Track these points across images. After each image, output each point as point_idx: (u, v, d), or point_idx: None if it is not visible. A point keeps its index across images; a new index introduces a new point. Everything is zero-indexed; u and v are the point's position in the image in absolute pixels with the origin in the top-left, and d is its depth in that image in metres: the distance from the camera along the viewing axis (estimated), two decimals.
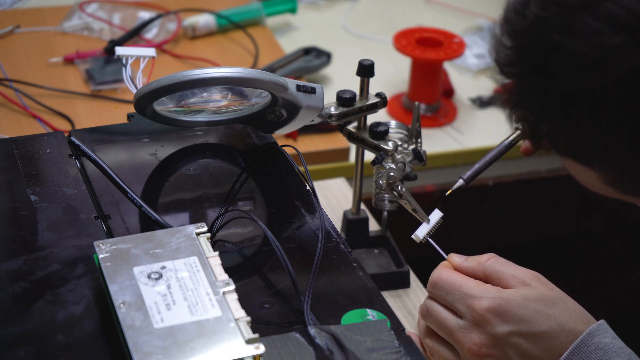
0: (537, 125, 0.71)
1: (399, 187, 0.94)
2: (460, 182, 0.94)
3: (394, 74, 1.52)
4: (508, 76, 0.71)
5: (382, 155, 0.97)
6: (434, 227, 0.93)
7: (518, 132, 0.95)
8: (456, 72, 1.55)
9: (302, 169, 0.90)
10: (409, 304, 1.05)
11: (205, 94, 0.93)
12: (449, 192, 0.94)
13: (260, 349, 0.67)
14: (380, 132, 0.99)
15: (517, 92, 0.71)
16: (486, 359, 0.84)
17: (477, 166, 0.95)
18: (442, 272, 0.87)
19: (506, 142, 0.96)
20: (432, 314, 0.87)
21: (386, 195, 1.04)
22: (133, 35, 1.49)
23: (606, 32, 0.64)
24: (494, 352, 0.84)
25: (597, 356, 0.81)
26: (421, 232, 0.93)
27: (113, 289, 0.70)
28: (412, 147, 1.01)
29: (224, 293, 0.70)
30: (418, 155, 0.98)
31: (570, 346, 0.82)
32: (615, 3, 0.64)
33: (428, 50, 1.39)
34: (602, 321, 0.84)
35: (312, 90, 0.91)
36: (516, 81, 0.71)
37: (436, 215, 0.94)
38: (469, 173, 0.94)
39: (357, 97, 0.99)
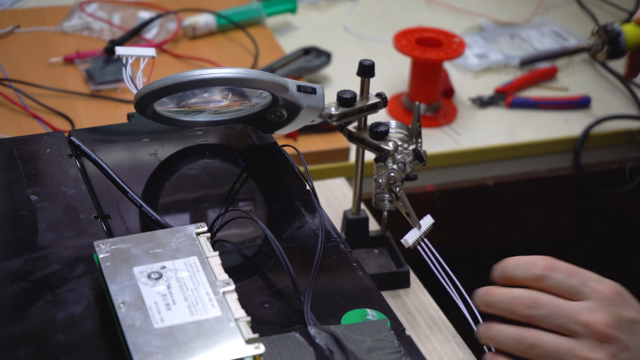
0: None
1: (397, 188, 0.94)
2: (516, 61, 1.03)
3: (394, 74, 1.52)
4: None
5: (386, 154, 0.97)
6: (424, 233, 0.93)
7: (589, 42, 1.13)
8: (456, 72, 1.55)
9: (302, 169, 0.90)
10: (409, 304, 1.05)
11: (205, 95, 0.93)
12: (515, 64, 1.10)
13: (260, 349, 0.67)
14: (380, 132, 0.99)
15: None
16: (612, 341, 0.83)
17: (537, 54, 1.09)
18: (555, 260, 0.86)
19: (574, 46, 1.11)
20: (545, 302, 0.84)
21: (386, 195, 1.04)
22: (133, 35, 1.50)
23: None
24: (620, 335, 0.83)
25: None
26: (411, 238, 0.93)
27: (113, 288, 0.70)
28: (412, 147, 1.01)
29: (224, 293, 0.70)
30: (418, 155, 0.98)
31: None
32: None
33: (428, 50, 1.39)
34: None
35: (313, 91, 0.91)
36: None
37: (427, 221, 0.94)
38: (527, 56, 1.07)
39: (358, 97, 0.99)
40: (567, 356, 0.84)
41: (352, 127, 1.02)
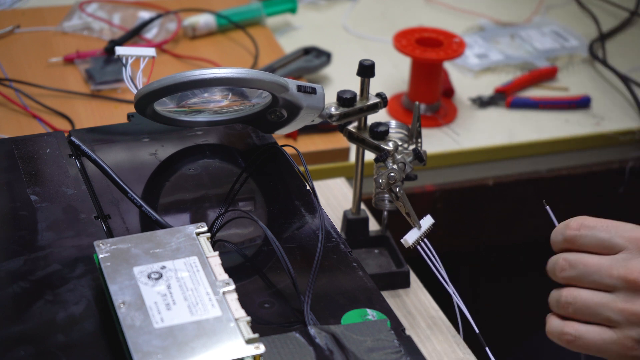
0: None
1: (397, 188, 0.94)
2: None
3: (394, 74, 1.52)
4: None
5: (386, 154, 0.97)
6: (424, 233, 0.93)
7: None
8: (456, 72, 1.55)
9: (302, 169, 0.90)
10: (409, 304, 1.05)
11: (205, 95, 0.93)
12: None
13: (260, 349, 0.67)
14: (380, 132, 0.99)
15: None
16: None
17: None
18: (587, 218, 0.84)
19: None
20: (575, 262, 0.83)
21: (386, 195, 1.04)
22: (133, 35, 1.50)
23: None
24: None
25: None
26: (411, 238, 0.93)
27: (113, 288, 0.70)
28: (412, 147, 1.01)
29: (224, 293, 0.70)
30: (418, 155, 0.98)
31: None
32: None
33: (428, 50, 1.39)
34: None
35: (313, 91, 0.91)
36: None
37: (427, 221, 0.94)
38: None
39: (358, 97, 0.99)
40: (602, 310, 0.81)
41: (352, 127, 1.02)
